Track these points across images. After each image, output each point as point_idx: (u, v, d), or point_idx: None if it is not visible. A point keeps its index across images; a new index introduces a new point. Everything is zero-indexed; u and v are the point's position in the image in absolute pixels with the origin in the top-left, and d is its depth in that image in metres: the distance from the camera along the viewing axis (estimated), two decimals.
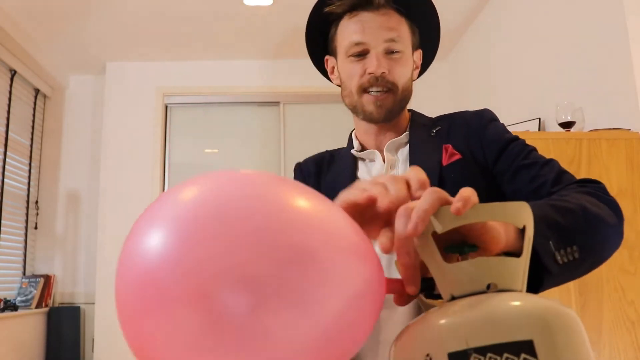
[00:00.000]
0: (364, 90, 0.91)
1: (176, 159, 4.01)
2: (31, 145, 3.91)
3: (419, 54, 0.99)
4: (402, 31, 0.91)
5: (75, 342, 3.72)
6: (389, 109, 0.91)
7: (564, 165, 1.77)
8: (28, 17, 3.30)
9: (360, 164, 0.98)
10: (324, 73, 1.08)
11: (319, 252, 0.37)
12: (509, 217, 0.45)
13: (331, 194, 0.92)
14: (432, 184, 0.78)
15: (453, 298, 0.43)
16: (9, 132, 3.56)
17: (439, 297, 0.46)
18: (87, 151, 4.09)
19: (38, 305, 3.61)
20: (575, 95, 2.22)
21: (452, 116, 0.96)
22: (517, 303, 0.39)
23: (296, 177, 1.05)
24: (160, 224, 0.36)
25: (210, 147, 4.09)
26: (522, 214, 0.46)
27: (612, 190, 1.70)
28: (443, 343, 0.38)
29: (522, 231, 0.46)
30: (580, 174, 1.72)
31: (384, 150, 0.95)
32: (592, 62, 2.16)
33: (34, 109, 3.96)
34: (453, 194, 0.79)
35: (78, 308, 3.81)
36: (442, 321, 0.39)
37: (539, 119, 2.47)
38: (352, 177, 0.95)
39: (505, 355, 0.36)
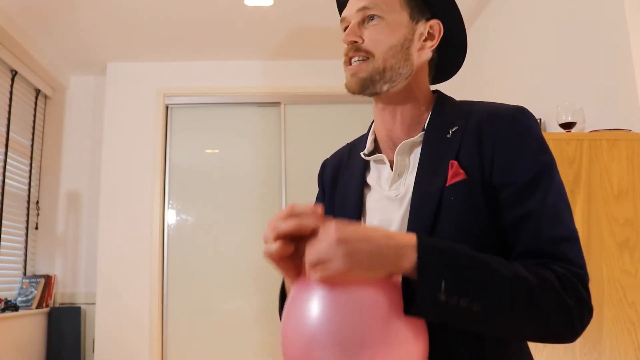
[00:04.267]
0: (347, 62, 0.90)
1: (177, 160, 4.02)
2: (32, 146, 3.91)
3: (430, 26, 0.91)
4: None
5: (75, 343, 3.72)
6: (363, 77, 0.86)
7: (565, 165, 1.76)
8: (29, 17, 3.30)
9: (372, 166, 0.94)
10: None
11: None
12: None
13: (342, 201, 0.95)
14: (430, 207, 0.81)
15: None
16: (10, 133, 3.56)
17: None
18: (87, 151, 4.09)
19: (39, 306, 3.61)
20: (576, 96, 2.21)
21: (474, 110, 0.87)
22: None
23: (319, 176, 1.05)
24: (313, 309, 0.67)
25: (210, 148, 4.09)
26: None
27: (613, 191, 1.70)
28: None
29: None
30: (581, 175, 1.72)
31: (395, 153, 0.88)
32: (593, 62, 2.16)
33: (35, 109, 3.96)
34: (450, 217, 0.80)
35: (79, 308, 3.81)
36: None
37: (540, 119, 2.47)
38: (362, 183, 0.92)
39: None
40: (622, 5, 1.97)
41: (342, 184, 0.97)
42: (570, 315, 0.72)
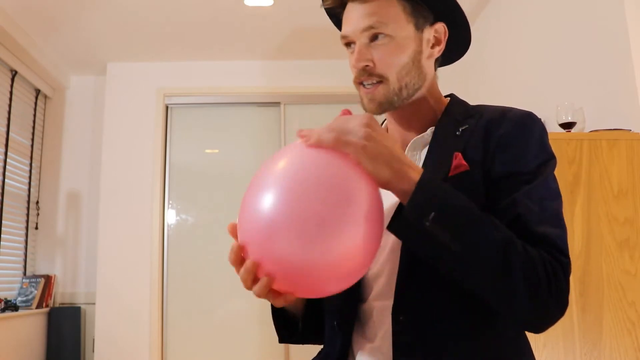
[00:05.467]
0: (359, 83, 0.90)
1: (176, 159, 4.01)
2: (32, 146, 3.91)
3: (436, 30, 0.91)
4: (386, 14, 0.85)
5: (75, 343, 3.72)
6: (380, 101, 0.88)
7: (565, 165, 1.76)
8: (29, 17, 3.30)
9: None
10: None
11: (355, 200, 0.67)
12: None
13: None
14: None
15: None
16: (10, 133, 3.56)
17: None
18: (87, 151, 4.09)
19: (39, 306, 3.61)
20: (576, 96, 2.21)
21: (485, 111, 0.89)
22: None
23: None
24: (269, 192, 0.66)
25: (210, 148, 4.09)
26: None
27: (613, 191, 1.70)
28: None
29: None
30: (581, 175, 1.72)
31: (407, 148, 0.91)
32: (593, 62, 2.16)
33: (35, 109, 3.96)
34: None
35: (79, 308, 3.81)
36: None
37: (540, 119, 2.47)
38: None
39: None
40: (622, 5, 1.97)
41: None
42: (543, 300, 0.71)
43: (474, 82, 3.37)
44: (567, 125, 2.06)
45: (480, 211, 0.74)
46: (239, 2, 3.22)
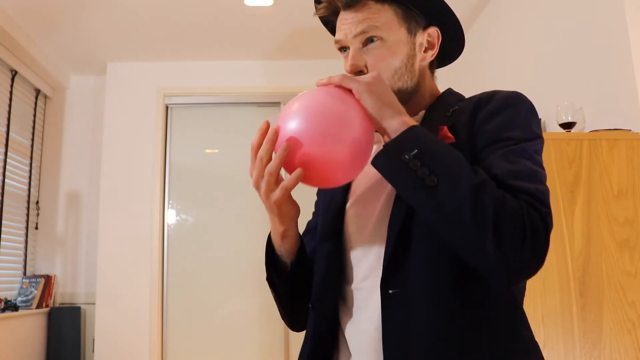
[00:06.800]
0: None
1: (176, 159, 4.01)
2: (32, 146, 3.91)
3: (429, 34, 0.93)
4: (378, 19, 0.88)
5: (75, 343, 3.72)
6: None
7: (565, 165, 1.76)
8: (29, 17, 3.30)
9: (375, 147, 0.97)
10: None
11: (351, 122, 0.80)
12: None
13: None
14: None
15: None
16: (10, 133, 3.56)
17: None
18: (87, 151, 4.09)
19: (39, 306, 3.61)
20: (576, 96, 2.21)
21: (477, 95, 0.91)
22: None
23: None
24: (295, 118, 0.82)
25: (210, 148, 4.09)
26: None
27: (613, 191, 1.70)
28: None
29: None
30: (581, 175, 1.72)
31: None
32: (593, 62, 2.16)
33: (35, 109, 3.96)
34: None
35: (78, 308, 3.81)
36: None
37: (540, 119, 2.47)
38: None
39: None
40: (622, 5, 1.97)
41: None
42: (515, 247, 0.70)
43: (474, 82, 3.37)
44: (567, 125, 2.06)
45: (463, 158, 0.75)
46: (239, 2, 3.22)
